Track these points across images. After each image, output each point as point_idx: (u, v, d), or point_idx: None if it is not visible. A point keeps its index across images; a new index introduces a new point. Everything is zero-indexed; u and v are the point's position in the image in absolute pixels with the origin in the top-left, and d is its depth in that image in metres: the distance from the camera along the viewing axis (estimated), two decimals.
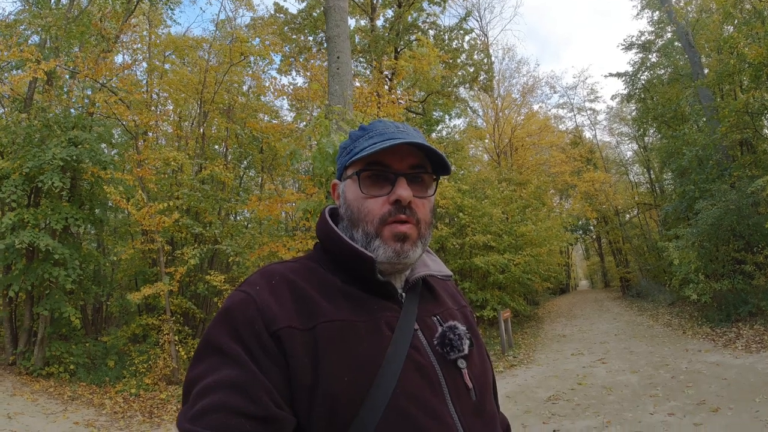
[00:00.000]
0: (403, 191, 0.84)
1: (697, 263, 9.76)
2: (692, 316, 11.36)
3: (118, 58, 13.38)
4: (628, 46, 19.38)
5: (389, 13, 16.80)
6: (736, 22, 12.16)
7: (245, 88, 15.07)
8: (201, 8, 49.78)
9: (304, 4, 15.20)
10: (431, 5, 16.44)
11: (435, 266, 0.97)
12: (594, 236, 32.16)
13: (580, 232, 30.69)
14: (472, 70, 17.44)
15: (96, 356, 10.06)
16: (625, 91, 20.43)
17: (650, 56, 19.05)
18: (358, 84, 12.72)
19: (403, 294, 0.90)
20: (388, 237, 0.84)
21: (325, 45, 12.80)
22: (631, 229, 24.40)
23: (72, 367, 9.31)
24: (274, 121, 14.80)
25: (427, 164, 0.90)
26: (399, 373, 0.76)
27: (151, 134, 12.68)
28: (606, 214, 24.68)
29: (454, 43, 16.85)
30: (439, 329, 0.87)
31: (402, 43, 15.62)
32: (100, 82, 10.27)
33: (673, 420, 4.84)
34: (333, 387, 0.72)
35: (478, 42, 19.74)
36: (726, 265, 10.24)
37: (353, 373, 0.74)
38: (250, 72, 14.60)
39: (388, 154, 0.86)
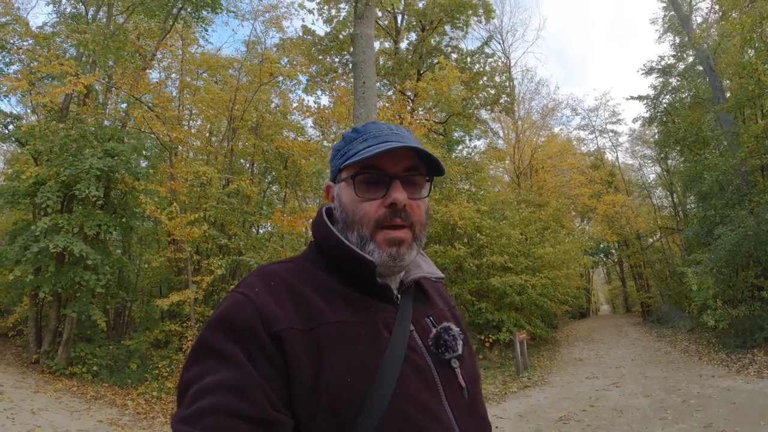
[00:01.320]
0: (399, 194, 0.85)
1: (716, 289, 9.70)
2: (709, 343, 11.26)
3: (153, 75, 14.11)
4: (648, 71, 19.43)
5: (413, 36, 17.28)
6: (756, 46, 12.19)
7: (272, 106, 15.62)
8: (233, 30, 51.48)
9: (331, 27, 15.82)
10: (454, 29, 16.87)
11: (428, 268, 0.98)
12: (615, 260, 31.70)
13: (601, 255, 30.28)
14: (493, 92, 17.70)
15: (119, 359, 10.36)
16: (647, 114, 20.41)
17: (671, 80, 19.07)
18: (381, 104, 13.11)
19: (399, 296, 0.91)
20: (382, 242, 0.85)
21: (350, 66, 13.31)
22: (653, 254, 24.01)
23: (95, 368, 9.58)
24: (299, 139, 15.27)
25: (421, 166, 0.90)
26: (397, 374, 0.77)
27: (181, 148, 13.27)
28: (627, 238, 24.40)
29: (476, 66, 17.19)
30: (434, 330, 0.89)
31: (425, 65, 16.02)
32: (137, 97, 10.79)
33: None
34: (334, 388, 0.73)
35: (500, 64, 20.05)
36: (744, 291, 10.13)
37: (354, 375, 0.75)
38: (278, 92, 15.14)
39: (382, 157, 0.86)
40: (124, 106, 11.75)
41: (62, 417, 6.79)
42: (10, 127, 11.37)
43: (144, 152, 12.27)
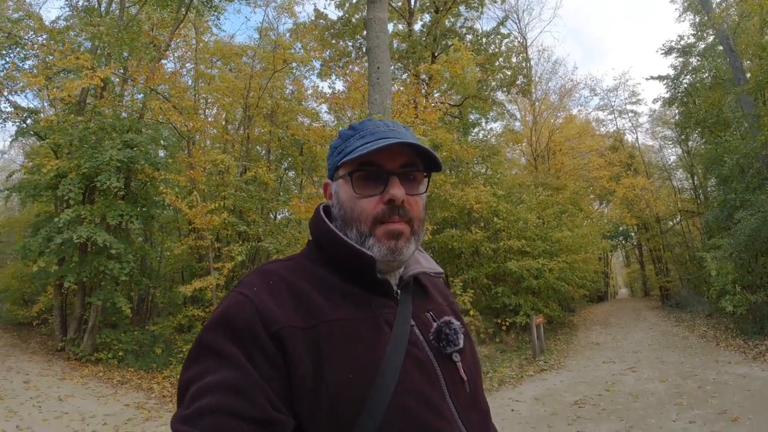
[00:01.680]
0: (397, 191, 0.85)
1: (734, 274, 9.57)
2: (727, 328, 11.19)
3: (168, 65, 14.22)
4: (668, 51, 18.87)
5: (426, 17, 16.99)
6: None
7: (287, 92, 15.64)
8: (246, 17, 51.24)
9: (343, 11, 15.67)
10: (468, 9, 16.56)
11: (427, 263, 0.98)
12: (634, 243, 31.29)
13: (620, 238, 29.88)
14: (509, 73, 17.37)
15: (144, 344, 10.63)
16: (667, 95, 19.88)
17: (691, 60, 18.52)
18: (395, 88, 13.03)
19: (399, 291, 0.91)
20: (382, 235, 0.85)
21: (364, 50, 13.22)
22: (672, 237, 23.64)
23: (121, 353, 9.84)
24: (314, 124, 15.30)
25: (419, 162, 0.90)
26: (399, 369, 0.77)
27: (198, 137, 13.42)
28: (647, 221, 24.05)
29: (492, 47, 16.87)
30: (434, 324, 0.89)
31: (439, 47, 15.79)
32: (153, 88, 10.89)
33: (693, 427, 4.95)
34: (336, 386, 0.73)
35: (516, 44, 19.63)
36: (763, 276, 10.00)
37: (356, 372, 0.75)
38: (292, 78, 15.15)
39: (379, 153, 0.86)
40: (140, 97, 11.88)
41: (89, 402, 6.94)
42: (29, 121, 11.60)
43: (162, 142, 12.45)
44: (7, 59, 11.19)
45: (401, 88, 13.46)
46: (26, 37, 10.90)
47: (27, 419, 5.91)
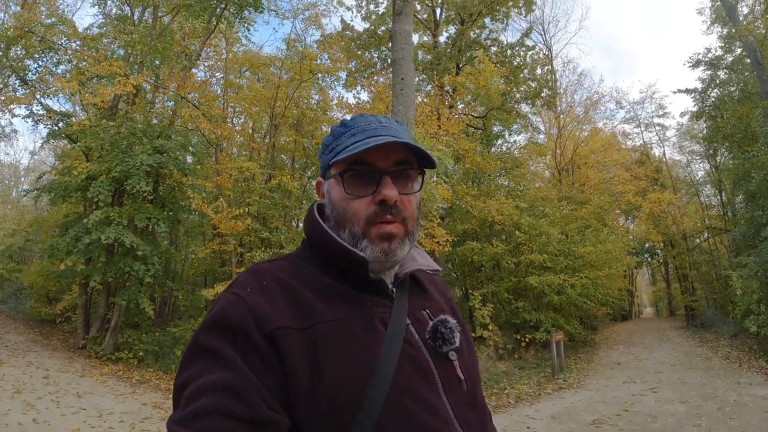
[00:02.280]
0: (389, 191, 0.83)
1: (760, 294, 9.31)
2: (751, 349, 10.96)
3: (198, 74, 14.60)
4: (696, 64, 18.52)
5: (452, 29, 17.08)
6: None
7: (312, 102, 15.88)
8: (274, 28, 52.46)
9: (369, 23, 15.89)
10: (494, 22, 16.58)
11: (423, 260, 0.96)
12: (660, 261, 30.53)
13: (646, 255, 29.20)
14: (534, 85, 17.30)
15: (164, 345, 10.74)
16: (695, 108, 19.48)
17: (719, 73, 18.14)
18: (419, 99, 13.10)
19: (394, 289, 0.89)
20: (375, 237, 0.84)
21: (389, 62, 13.35)
22: (699, 255, 22.99)
23: (141, 353, 9.96)
24: None
25: (412, 159, 0.88)
26: (394, 369, 0.77)
27: (225, 144, 13.73)
28: (673, 238, 23.48)
29: (516, 59, 16.84)
30: (430, 323, 0.88)
31: (464, 59, 15.84)
32: (184, 96, 11.19)
33: None
34: (332, 388, 0.72)
35: (541, 56, 19.54)
36: None
37: (352, 372, 0.74)
38: (318, 89, 15.38)
39: (371, 152, 0.83)
40: (171, 104, 12.21)
41: (107, 400, 7.00)
42: (60, 124, 11.99)
43: (190, 148, 12.76)
44: (40, 63, 11.63)
45: (425, 100, 13.54)
46: (59, 43, 11.26)
47: (44, 413, 5.95)
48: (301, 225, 16.32)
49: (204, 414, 0.67)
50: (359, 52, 16.62)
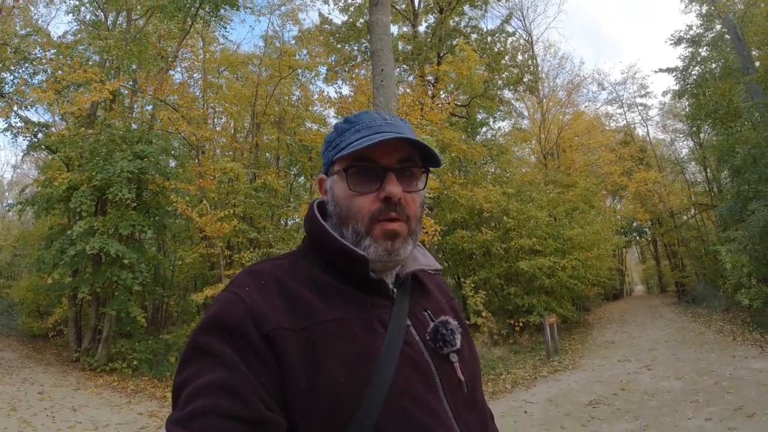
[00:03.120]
0: (393, 188, 0.82)
1: (750, 267, 9.39)
2: (744, 322, 11.00)
3: (176, 76, 14.38)
4: (677, 41, 18.60)
5: (431, 18, 16.97)
6: None
7: (294, 98, 15.73)
8: (251, 26, 51.91)
9: (347, 15, 15.71)
10: (473, 8, 16.48)
11: (425, 260, 0.95)
12: (649, 239, 30.89)
13: (634, 234, 29.52)
14: (516, 71, 17.27)
15: (158, 353, 10.67)
16: (676, 87, 19.62)
17: (700, 50, 18.25)
18: (401, 90, 13.00)
19: (395, 290, 0.88)
20: (379, 235, 0.82)
21: (369, 54, 13.24)
22: (687, 231, 23.28)
23: (135, 362, 9.88)
24: (322, 130, 15.37)
25: (417, 157, 0.87)
26: (394, 370, 0.76)
27: (207, 146, 13.55)
28: (660, 216, 23.73)
29: (497, 46, 16.78)
30: (431, 324, 0.87)
31: (445, 48, 15.75)
32: (162, 99, 11.02)
33: (709, 425, 4.87)
34: (330, 388, 0.72)
35: (522, 42, 19.54)
36: None
37: (349, 373, 0.73)
38: (299, 84, 15.24)
39: (375, 148, 0.82)
40: (150, 108, 12.02)
41: (102, 412, 6.96)
42: (39, 135, 11.76)
43: (173, 152, 12.60)
44: (16, 75, 11.39)
45: (408, 91, 13.45)
46: (34, 53, 11.06)
47: (40, 429, 5.92)
48: (289, 223, 16.25)
49: (202, 414, 0.66)
50: (339, 46, 16.43)
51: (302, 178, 17.60)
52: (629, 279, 43.79)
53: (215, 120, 16.46)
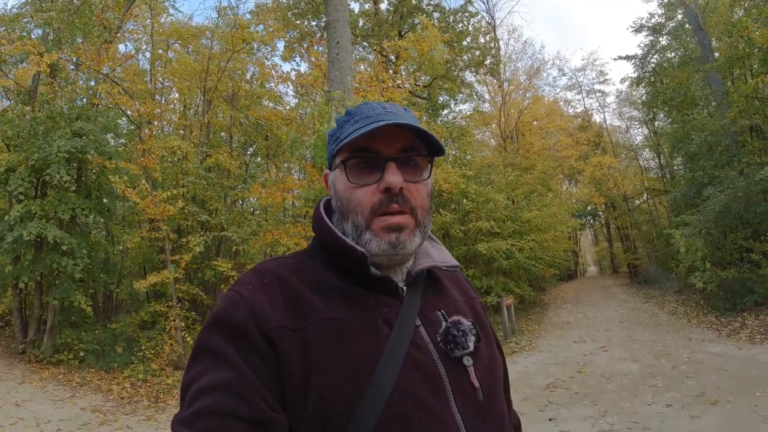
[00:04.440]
0: (393, 177, 0.78)
1: (704, 251, 9.60)
2: (698, 304, 11.28)
3: (122, 48, 13.43)
4: (638, 29, 18.94)
5: None
6: (745, 5, 11.86)
7: (249, 75, 15.05)
8: None
9: None
10: None
11: (439, 256, 0.91)
12: (603, 222, 31.94)
13: (589, 217, 30.44)
14: (477, 53, 17.23)
15: (105, 343, 10.22)
16: (635, 75, 20.10)
17: (660, 39, 18.66)
18: (361, 68, 12.63)
19: (404, 288, 0.84)
20: (380, 229, 0.79)
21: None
22: (639, 215, 24.16)
23: (82, 353, 9.46)
24: (278, 107, 14.77)
25: (420, 146, 0.83)
26: (397, 373, 0.72)
27: (156, 123, 12.76)
28: (614, 200, 24.48)
29: (459, 26, 16.63)
30: (443, 324, 0.83)
31: (406, 26, 15.46)
32: (103, 72, 10.30)
33: (671, 411, 4.82)
34: (324, 390, 0.70)
35: (484, 24, 19.47)
36: (733, 253, 10.10)
37: (346, 374, 0.71)
38: (254, 59, 14.55)
39: (375, 138, 0.80)
40: (93, 83, 11.23)
41: (46, 407, 6.71)
42: None
43: (119, 130, 11.81)
44: None
45: (368, 69, 13.06)
46: None
47: None
48: (245, 205, 15.68)
49: (205, 414, 0.66)
50: (297, 22, 15.85)
51: (259, 158, 16.99)
52: (583, 260, 45.37)
53: (164, 97, 15.54)
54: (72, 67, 10.83)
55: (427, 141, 0.83)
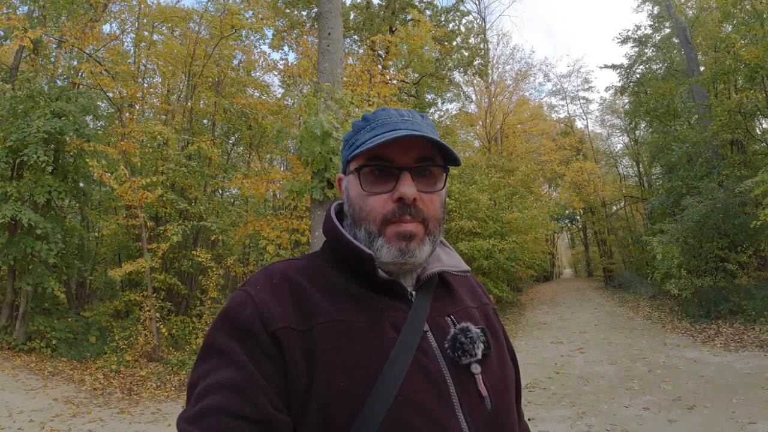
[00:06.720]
0: (407, 188, 0.78)
1: (680, 259, 9.85)
2: (672, 310, 11.53)
3: (107, 28, 13.02)
4: (624, 40, 19.30)
5: None
6: (734, 21, 12.14)
7: (235, 62, 14.77)
8: None
9: None
10: None
11: (449, 261, 0.90)
12: (580, 226, 32.50)
13: (567, 221, 30.93)
14: (467, 54, 17.29)
15: (78, 332, 9.97)
16: (619, 84, 20.47)
17: (646, 50, 19.01)
18: (351, 61, 12.50)
19: (413, 293, 0.84)
20: (392, 236, 0.79)
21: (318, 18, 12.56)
22: (616, 221, 24.68)
23: (54, 342, 9.23)
24: (264, 97, 14.53)
25: (436, 155, 0.83)
26: (402, 378, 0.72)
27: (138, 107, 12.41)
28: (593, 205, 24.92)
29: (451, 24, 16.65)
30: (452, 331, 0.82)
31: (398, 21, 15.39)
32: (87, 51, 9.97)
33: (648, 415, 4.89)
34: (326, 393, 0.69)
35: (475, 26, 19.54)
36: (709, 262, 10.34)
37: (350, 378, 0.71)
38: (242, 45, 14.28)
39: (390, 146, 0.79)
40: (75, 63, 10.86)
41: (18, 396, 6.54)
42: None
43: (99, 112, 11.45)
44: None
45: (356, 62, 12.94)
46: None
47: None
48: (225, 195, 15.42)
49: (211, 413, 0.66)
50: (288, 11, 15.61)
51: (241, 147, 16.71)
52: (559, 262, 46.15)
53: (147, 80, 15.13)
54: (55, 45, 10.48)
55: (443, 151, 0.83)
